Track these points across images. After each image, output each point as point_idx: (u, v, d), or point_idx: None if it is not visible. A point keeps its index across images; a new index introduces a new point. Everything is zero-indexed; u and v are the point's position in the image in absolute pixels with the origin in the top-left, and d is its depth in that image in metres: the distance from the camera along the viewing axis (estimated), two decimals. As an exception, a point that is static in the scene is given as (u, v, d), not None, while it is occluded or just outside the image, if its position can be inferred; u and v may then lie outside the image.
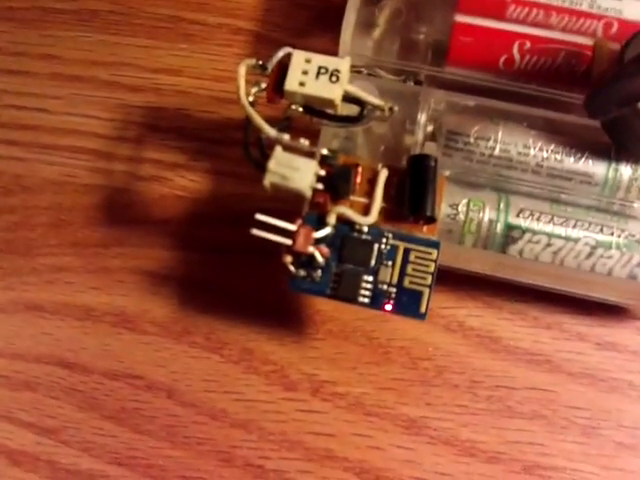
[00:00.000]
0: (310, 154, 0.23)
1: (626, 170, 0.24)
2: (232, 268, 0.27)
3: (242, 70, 0.23)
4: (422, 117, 0.25)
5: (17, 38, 0.31)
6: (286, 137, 0.22)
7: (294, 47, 0.25)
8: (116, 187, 0.28)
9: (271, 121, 0.23)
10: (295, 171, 0.22)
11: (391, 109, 0.24)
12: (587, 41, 0.26)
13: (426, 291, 0.22)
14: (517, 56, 0.26)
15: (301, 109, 0.23)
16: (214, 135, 0.29)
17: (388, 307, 0.22)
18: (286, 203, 0.22)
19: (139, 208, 0.28)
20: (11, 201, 0.28)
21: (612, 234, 0.23)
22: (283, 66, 0.23)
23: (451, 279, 0.25)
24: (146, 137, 0.29)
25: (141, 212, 0.28)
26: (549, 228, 0.23)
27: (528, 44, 0.26)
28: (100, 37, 0.31)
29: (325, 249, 0.22)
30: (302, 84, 0.23)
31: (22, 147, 0.29)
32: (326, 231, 0.22)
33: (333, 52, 0.26)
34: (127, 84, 0.30)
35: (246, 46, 0.30)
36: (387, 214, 0.23)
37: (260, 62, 0.23)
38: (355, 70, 0.26)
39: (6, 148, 0.29)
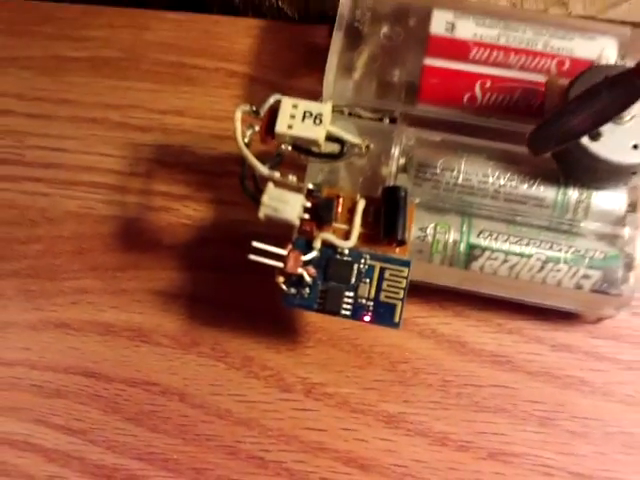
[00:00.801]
0: (298, 188, 0.26)
1: (573, 194, 0.27)
2: (233, 286, 0.29)
3: (238, 115, 0.26)
4: (395, 151, 0.28)
5: (37, 85, 0.34)
6: (276, 174, 0.26)
7: (283, 88, 0.28)
8: (130, 217, 0.31)
9: (265, 156, 0.26)
10: (285, 204, 0.25)
11: (367, 147, 0.27)
12: (542, 78, 0.29)
13: (399, 304, 0.25)
14: (479, 94, 0.29)
15: (290, 148, 0.26)
16: (215, 169, 0.31)
17: (367, 318, 0.25)
18: (278, 228, 0.25)
19: (151, 235, 0.30)
20: (38, 232, 0.31)
21: (560, 250, 0.26)
22: (273, 110, 0.26)
23: (424, 292, 0.28)
24: (155, 172, 0.31)
25: (152, 239, 0.30)
26: (506, 246, 0.26)
27: (489, 83, 0.29)
28: (111, 82, 0.33)
29: (312, 270, 0.25)
30: (290, 126, 0.26)
31: (46, 183, 0.32)
32: (313, 254, 0.25)
33: (318, 91, 0.29)
34: (137, 125, 0.32)
35: (241, 87, 0.33)
36: (365, 238, 0.25)
37: (253, 108, 0.26)
38: (337, 109, 0.29)
39: (32, 185, 0.32)
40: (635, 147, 0.25)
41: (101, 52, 0.34)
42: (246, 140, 0.26)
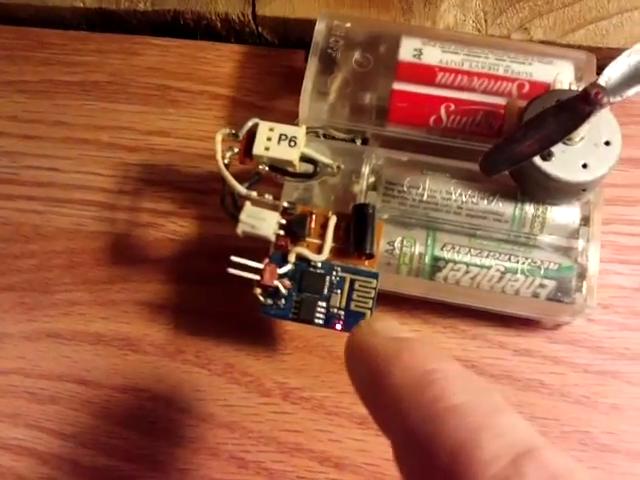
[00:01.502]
0: (274, 206, 0.28)
1: (530, 209, 0.28)
2: (216, 297, 0.31)
3: (218, 138, 0.28)
4: (365, 170, 0.29)
5: (31, 107, 0.35)
6: (254, 194, 0.28)
7: (263, 109, 0.30)
8: (119, 233, 0.32)
9: (245, 174, 0.28)
10: (262, 221, 0.27)
11: (338, 167, 0.29)
12: (502, 101, 0.30)
13: (368, 312, 0.27)
14: (444, 116, 0.30)
15: (267, 168, 0.28)
16: (199, 187, 0.33)
17: (338, 326, 0.27)
18: (257, 242, 0.27)
19: (138, 250, 0.32)
20: (31, 247, 0.32)
21: (518, 262, 0.28)
22: (251, 134, 0.28)
23: (395, 301, 0.29)
24: (142, 190, 0.33)
25: (140, 253, 0.32)
26: (467, 258, 0.28)
27: (453, 106, 0.30)
28: (101, 105, 0.35)
29: (287, 282, 0.27)
30: (267, 149, 0.28)
31: (39, 201, 0.33)
32: (288, 267, 0.27)
33: (296, 112, 0.31)
34: (125, 145, 0.34)
35: (224, 109, 0.34)
36: (336, 252, 0.27)
37: (233, 131, 0.28)
38: (312, 130, 0.31)
39: (26, 202, 0.33)
40: (584, 166, 0.27)
41: (91, 76, 0.36)
42: (226, 161, 0.28)
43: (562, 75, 0.30)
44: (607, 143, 0.27)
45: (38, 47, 0.37)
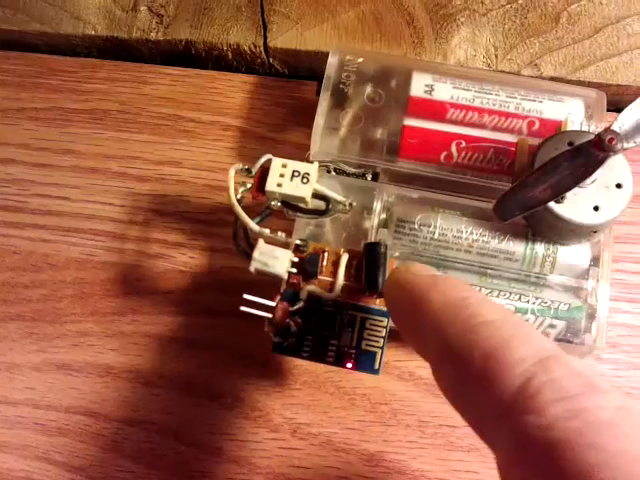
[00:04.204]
0: (286, 244, 0.28)
1: (540, 249, 0.28)
2: (226, 330, 0.31)
3: (232, 174, 0.28)
4: (377, 207, 0.30)
5: (41, 135, 0.35)
6: (267, 231, 0.28)
7: (273, 141, 0.30)
8: (128, 264, 0.32)
9: (255, 207, 0.28)
10: (275, 259, 0.27)
11: (351, 204, 0.29)
12: (513, 138, 0.31)
13: (379, 352, 0.27)
14: (455, 152, 0.31)
15: (279, 204, 0.28)
16: (209, 218, 0.33)
17: (349, 365, 0.27)
18: (266, 275, 0.27)
19: (148, 281, 0.32)
20: (41, 277, 0.32)
21: (528, 302, 0.28)
22: (264, 170, 0.28)
23: None
24: (152, 220, 0.33)
25: (150, 284, 0.32)
26: None
27: (464, 143, 0.31)
28: (111, 134, 0.35)
29: (298, 320, 0.27)
30: (280, 185, 0.28)
31: (49, 230, 0.33)
32: (299, 305, 0.27)
33: (306, 144, 0.31)
34: (136, 175, 0.34)
35: (234, 140, 0.35)
36: (348, 290, 0.27)
37: (246, 166, 0.28)
38: (322, 165, 0.31)
39: (35, 231, 0.33)
40: (596, 209, 0.27)
41: (102, 104, 0.36)
42: (238, 196, 0.28)
43: (573, 114, 0.31)
44: (618, 186, 0.27)
45: (49, 74, 0.37)
